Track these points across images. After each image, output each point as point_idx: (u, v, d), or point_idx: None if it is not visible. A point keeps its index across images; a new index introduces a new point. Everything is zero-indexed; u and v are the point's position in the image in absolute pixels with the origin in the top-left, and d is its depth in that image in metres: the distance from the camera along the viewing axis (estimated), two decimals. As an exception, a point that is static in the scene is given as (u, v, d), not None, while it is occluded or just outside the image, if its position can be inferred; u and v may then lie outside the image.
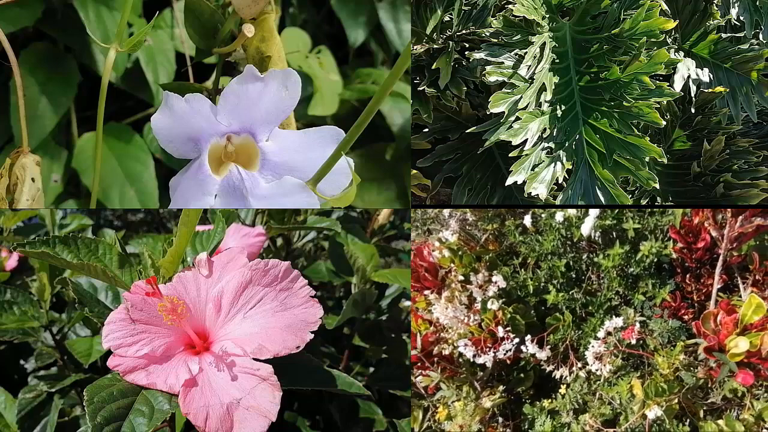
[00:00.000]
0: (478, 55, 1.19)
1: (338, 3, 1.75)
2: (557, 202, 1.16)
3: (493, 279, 1.18)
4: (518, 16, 1.16)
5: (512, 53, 1.17)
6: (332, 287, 1.54)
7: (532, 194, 1.13)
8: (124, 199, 1.52)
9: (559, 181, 1.15)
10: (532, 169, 1.14)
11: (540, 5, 1.19)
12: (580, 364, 1.14)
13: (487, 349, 1.14)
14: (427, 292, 1.24)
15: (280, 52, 1.02)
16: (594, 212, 1.10)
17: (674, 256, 1.14)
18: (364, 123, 0.80)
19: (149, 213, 2.39)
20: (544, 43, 1.18)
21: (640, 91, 1.16)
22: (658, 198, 1.36)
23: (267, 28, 1.00)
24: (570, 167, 1.16)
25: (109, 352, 0.72)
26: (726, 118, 1.36)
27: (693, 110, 1.38)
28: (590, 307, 1.18)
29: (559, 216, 1.13)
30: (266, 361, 0.71)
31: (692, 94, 1.37)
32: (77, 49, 1.53)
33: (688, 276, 1.15)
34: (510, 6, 1.17)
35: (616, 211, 1.12)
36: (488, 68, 1.16)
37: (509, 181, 1.13)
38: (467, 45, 1.32)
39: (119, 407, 0.68)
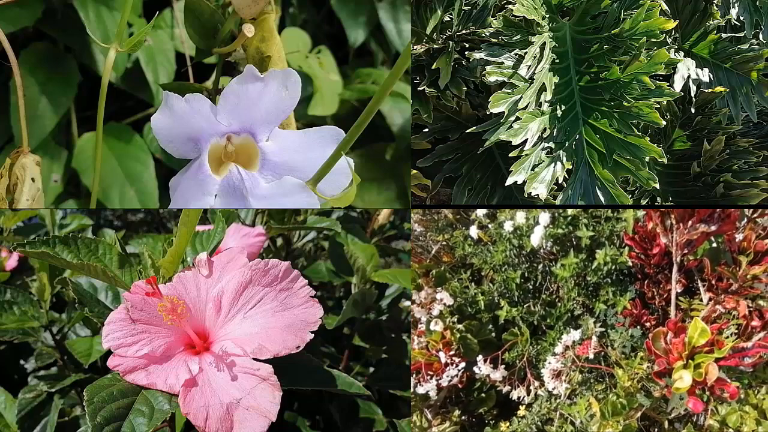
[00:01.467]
0: (478, 55, 1.19)
1: (338, 3, 1.75)
2: (557, 202, 1.16)
3: (438, 296, 1.12)
4: (518, 16, 1.16)
5: (512, 53, 1.17)
6: (332, 287, 1.54)
7: (532, 194, 1.13)
8: (124, 199, 1.52)
9: (559, 181, 1.15)
10: (532, 169, 1.14)
11: (540, 5, 1.19)
12: (537, 383, 1.10)
13: (429, 377, 1.10)
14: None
15: (280, 52, 1.02)
16: (543, 221, 1.07)
17: (630, 263, 1.13)
18: (364, 123, 0.80)
19: (149, 213, 2.39)
20: (544, 43, 1.18)
21: (640, 91, 1.16)
22: (658, 198, 1.36)
23: (267, 28, 1.00)
24: (570, 167, 1.16)
25: (109, 352, 0.72)
26: (726, 118, 1.36)
27: (693, 110, 1.38)
28: (549, 320, 1.14)
29: (509, 225, 1.10)
30: (266, 361, 0.71)
31: (692, 94, 1.37)
32: (77, 49, 1.53)
33: (647, 282, 1.14)
34: (510, 6, 1.17)
35: (569, 218, 1.09)
36: (488, 68, 1.16)
37: (509, 181, 1.13)
38: (467, 45, 1.32)
39: (119, 407, 0.68)
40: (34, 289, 1.15)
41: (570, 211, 1.08)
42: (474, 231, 1.17)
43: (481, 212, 1.13)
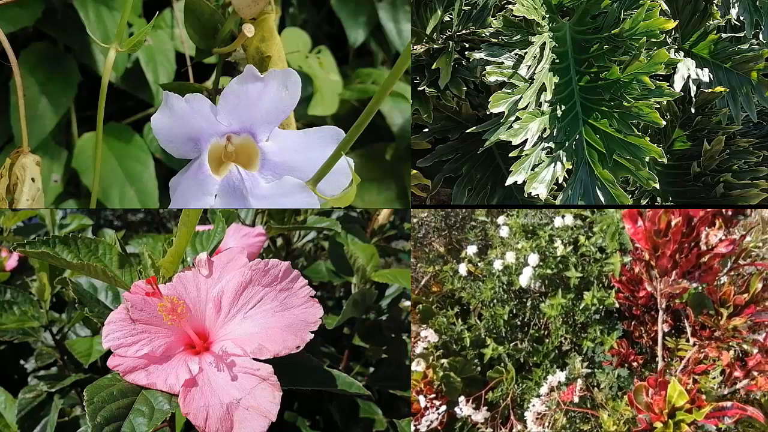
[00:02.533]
0: (478, 55, 1.19)
1: (338, 3, 1.75)
2: (557, 202, 1.16)
3: (423, 334, 1.10)
4: (518, 16, 1.16)
5: (512, 53, 1.17)
6: (332, 287, 1.54)
7: (532, 194, 1.13)
8: (124, 199, 1.52)
9: (559, 181, 1.15)
10: (532, 169, 1.14)
11: (540, 5, 1.19)
12: (520, 426, 1.08)
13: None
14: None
15: (280, 52, 1.02)
16: (532, 261, 1.06)
17: (617, 305, 1.12)
18: (364, 123, 0.80)
19: (149, 213, 2.39)
20: (544, 43, 1.18)
21: (640, 91, 1.16)
22: (658, 198, 1.36)
23: (267, 28, 1.00)
24: (570, 167, 1.16)
25: (109, 352, 0.72)
26: (726, 118, 1.36)
27: (693, 110, 1.38)
28: (536, 357, 1.12)
29: (498, 264, 1.09)
30: (266, 361, 0.71)
31: (692, 94, 1.37)
32: (77, 49, 1.53)
33: (634, 322, 1.13)
34: (510, 6, 1.17)
35: (558, 259, 1.08)
36: (488, 68, 1.16)
37: (509, 181, 1.13)
38: (467, 45, 1.32)
39: (119, 407, 0.68)
40: (34, 289, 1.15)
41: (559, 252, 1.07)
42: (463, 268, 1.16)
43: (471, 250, 1.12)
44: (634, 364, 1.10)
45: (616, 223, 1.06)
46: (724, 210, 0.99)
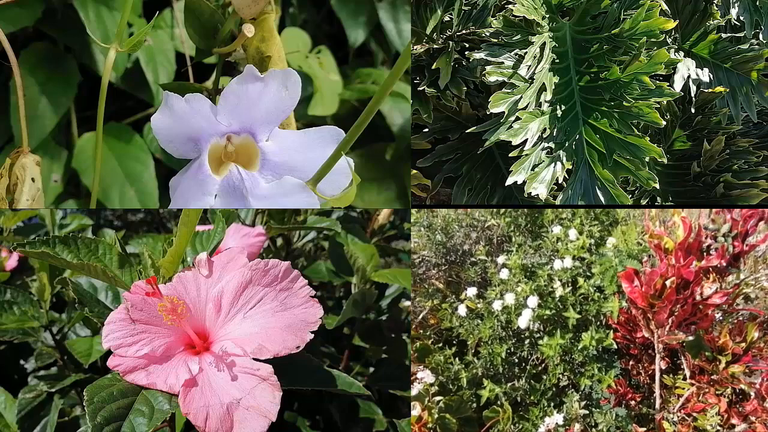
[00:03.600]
0: (478, 55, 1.19)
1: (338, 3, 1.75)
2: (557, 202, 1.16)
3: (419, 375, 1.08)
4: (518, 16, 1.16)
5: (512, 53, 1.17)
6: (332, 287, 1.54)
7: (532, 194, 1.13)
8: (124, 199, 1.52)
9: (559, 181, 1.15)
10: (532, 169, 1.14)
11: (540, 5, 1.19)
12: None
13: None
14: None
15: (280, 52, 1.02)
16: (531, 303, 1.06)
17: (615, 346, 1.12)
18: (364, 123, 0.80)
19: (149, 213, 2.39)
20: (544, 43, 1.18)
21: (640, 91, 1.16)
22: (659, 198, 1.36)
23: (267, 28, 1.00)
24: (570, 167, 1.16)
25: (109, 352, 0.72)
26: (726, 118, 1.36)
27: (693, 110, 1.38)
28: (533, 395, 1.11)
29: (497, 305, 1.09)
30: (266, 361, 0.71)
31: (692, 94, 1.37)
32: (77, 49, 1.53)
33: (632, 361, 1.14)
34: (510, 6, 1.17)
35: (557, 299, 1.08)
36: (488, 68, 1.16)
37: (509, 181, 1.13)
38: (467, 45, 1.32)
39: (119, 407, 0.68)
40: (34, 289, 1.15)
41: (558, 293, 1.07)
42: (463, 309, 1.15)
43: (471, 292, 1.13)
44: (632, 402, 1.10)
45: (614, 266, 1.06)
46: (718, 262, 0.99)
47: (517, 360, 1.12)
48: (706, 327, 1.04)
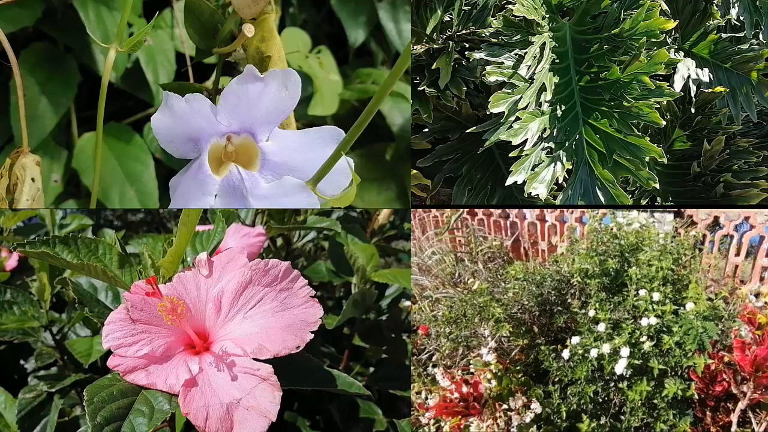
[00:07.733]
0: (478, 55, 1.19)
1: (338, 3, 1.75)
2: (557, 202, 1.16)
3: (532, 406, 1.15)
4: (518, 16, 1.16)
5: (512, 53, 1.17)
6: (332, 287, 1.54)
7: (532, 194, 1.13)
8: (124, 199, 1.52)
9: (559, 181, 1.15)
10: (532, 169, 1.14)
11: (540, 5, 1.19)
12: None
13: None
14: (472, 419, 1.19)
15: (280, 52, 1.02)
16: (625, 353, 1.13)
17: (696, 396, 1.16)
18: (364, 123, 0.80)
19: (149, 213, 2.39)
20: (544, 43, 1.18)
21: (640, 91, 1.16)
22: (659, 198, 1.36)
23: (267, 28, 1.00)
24: (570, 167, 1.16)
25: (109, 352, 0.72)
26: (726, 118, 1.36)
27: (693, 110, 1.38)
28: None
29: (594, 353, 1.15)
30: (266, 361, 0.71)
31: (692, 94, 1.37)
32: (77, 49, 1.53)
33: (708, 411, 1.17)
34: (510, 6, 1.17)
35: (643, 350, 1.14)
36: (488, 68, 1.16)
37: (509, 181, 1.13)
38: (467, 45, 1.32)
39: (119, 407, 0.68)
40: (34, 289, 1.15)
41: (645, 346, 1.15)
42: (566, 354, 1.21)
43: (575, 340, 1.22)
44: None
45: (696, 327, 1.15)
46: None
47: (601, 400, 1.19)
48: None
